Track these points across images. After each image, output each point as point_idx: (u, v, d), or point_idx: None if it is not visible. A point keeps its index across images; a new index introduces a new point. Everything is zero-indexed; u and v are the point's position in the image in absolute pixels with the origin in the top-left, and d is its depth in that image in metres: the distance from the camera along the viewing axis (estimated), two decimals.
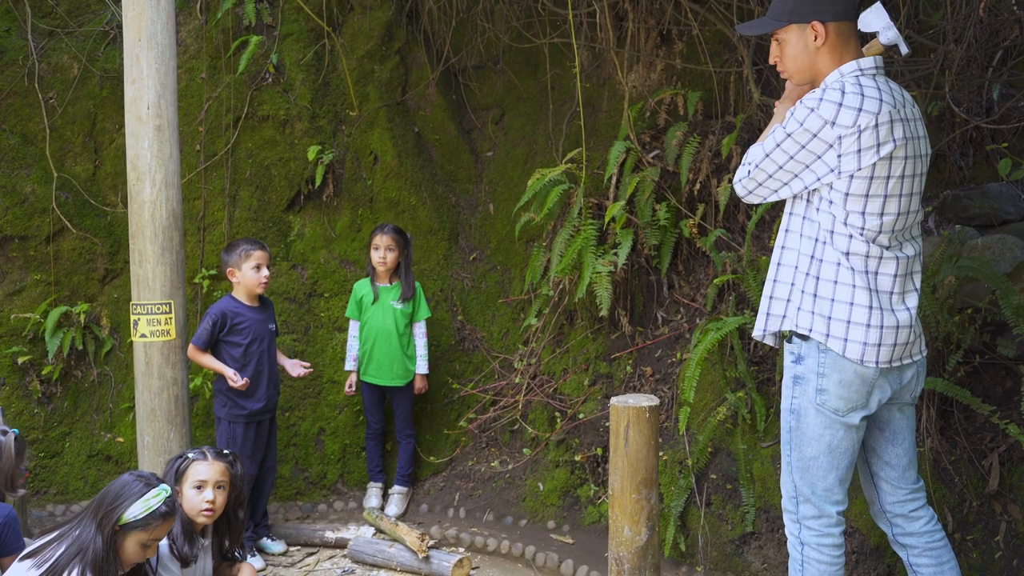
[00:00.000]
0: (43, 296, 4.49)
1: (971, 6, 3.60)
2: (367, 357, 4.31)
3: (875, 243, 2.30)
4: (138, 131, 3.64)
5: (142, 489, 2.37)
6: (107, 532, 2.31)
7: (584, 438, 4.21)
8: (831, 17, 2.32)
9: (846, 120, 2.23)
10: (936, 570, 2.50)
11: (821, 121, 2.25)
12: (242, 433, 3.80)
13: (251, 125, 4.73)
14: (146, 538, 2.39)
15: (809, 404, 2.39)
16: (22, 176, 4.53)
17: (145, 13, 3.59)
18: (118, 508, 2.33)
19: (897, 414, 2.49)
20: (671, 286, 4.31)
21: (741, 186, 2.49)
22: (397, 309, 4.30)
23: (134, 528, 2.35)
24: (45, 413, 4.48)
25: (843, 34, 2.34)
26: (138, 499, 2.36)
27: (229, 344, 3.82)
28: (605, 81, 4.73)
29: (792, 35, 2.38)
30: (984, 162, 4.17)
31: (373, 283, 4.34)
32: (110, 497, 2.35)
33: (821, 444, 2.39)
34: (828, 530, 2.45)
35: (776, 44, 2.44)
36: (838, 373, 2.34)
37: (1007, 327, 3.21)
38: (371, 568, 3.83)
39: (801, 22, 2.34)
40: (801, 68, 2.40)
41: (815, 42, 2.34)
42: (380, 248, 4.28)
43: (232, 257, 3.87)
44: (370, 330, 4.31)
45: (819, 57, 2.36)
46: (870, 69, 2.32)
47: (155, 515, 2.37)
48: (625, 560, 2.78)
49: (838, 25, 2.33)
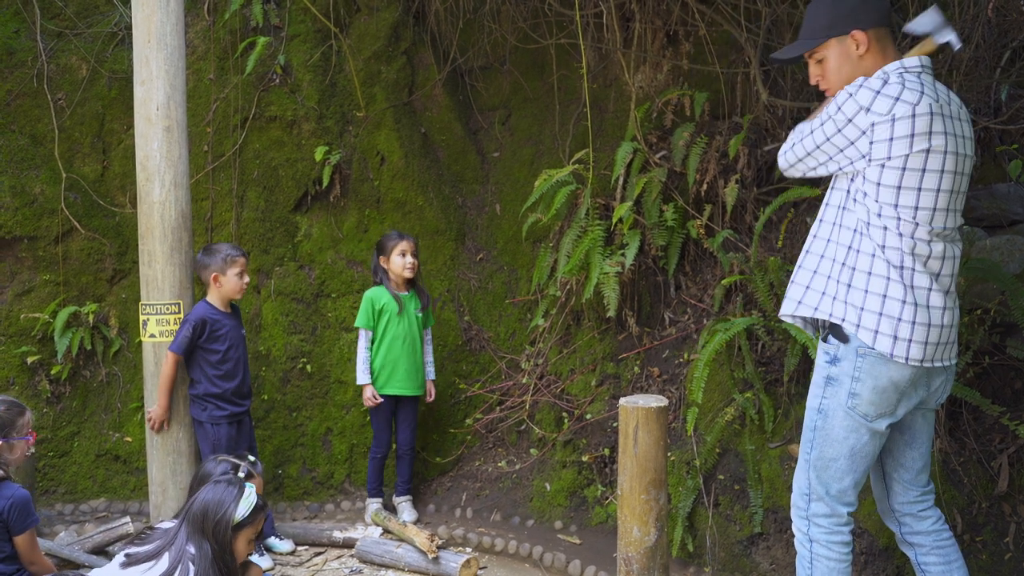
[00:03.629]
0: (52, 296, 4.50)
1: (979, 6, 3.59)
2: (391, 368, 4.17)
3: (912, 237, 2.28)
4: (147, 132, 3.65)
5: (236, 490, 2.45)
6: (227, 539, 2.41)
7: (591, 438, 4.21)
8: (870, 24, 2.33)
9: (881, 107, 2.23)
10: (944, 569, 2.50)
11: (857, 107, 2.26)
12: (225, 433, 3.76)
13: (258, 126, 4.74)
14: (252, 533, 2.51)
15: (839, 406, 2.38)
16: (31, 177, 4.55)
17: (155, 15, 3.61)
18: (227, 513, 2.41)
19: (920, 419, 2.49)
20: (678, 287, 4.30)
21: (784, 159, 2.51)
22: (419, 317, 4.26)
23: (244, 527, 2.45)
24: (54, 413, 4.49)
25: (882, 39, 2.36)
26: (240, 498, 2.44)
27: (207, 351, 3.74)
28: (612, 82, 4.73)
29: (832, 51, 2.39)
30: (992, 163, 4.16)
31: (392, 292, 4.22)
32: (213, 507, 2.42)
33: (844, 447, 2.39)
34: (838, 528, 2.45)
35: (815, 64, 2.45)
36: (873, 379, 2.33)
37: (1016, 328, 3.20)
38: (379, 568, 3.84)
39: (841, 35, 2.36)
40: (848, 79, 2.39)
41: (857, 51, 2.35)
42: (407, 254, 4.16)
43: (215, 261, 3.78)
44: (394, 340, 4.16)
45: (863, 65, 2.36)
46: (915, 67, 2.32)
47: (257, 508, 2.49)
48: (634, 560, 2.78)
49: (877, 31, 2.35)
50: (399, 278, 4.20)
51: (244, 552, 2.50)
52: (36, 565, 2.86)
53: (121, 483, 4.51)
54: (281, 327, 4.63)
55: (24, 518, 2.79)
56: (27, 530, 2.81)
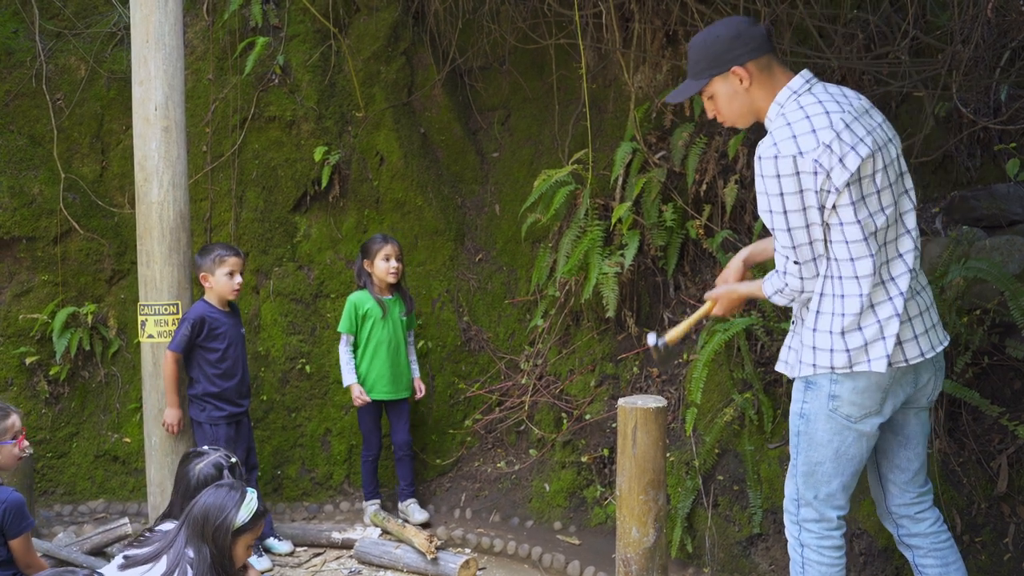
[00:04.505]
0: (50, 297, 4.50)
1: (979, 6, 3.59)
2: (376, 373, 4.15)
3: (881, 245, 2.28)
4: (146, 132, 3.65)
5: (237, 496, 2.46)
6: (226, 544, 2.41)
7: (590, 439, 4.21)
8: (748, 57, 2.35)
9: (809, 144, 2.23)
10: (942, 571, 2.50)
11: (791, 158, 2.23)
12: (224, 433, 3.76)
13: (257, 126, 4.73)
14: (251, 539, 2.50)
15: (820, 409, 2.38)
16: (30, 177, 4.54)
17: (153, 15, 3.61)
18: (228, 518, 2.41)
19: (912, 419, 2.48)
20: (677, 287, 4.30)
21: (789, 291, 2.38)
22: (403, 321, 4.26)
23: (244, 532, 2.45)
24: (52, 413, 4.49)
25: (765, 67, 2.37)
26: (241, 504, 2.44)
27: (206, 350, 3.75)
28: (611, 82, 4.73)
29: (718, 87, 2.41)
30: (992, 163, 4.16)
31: (375, 296, 4.19)
32: (214, 512, 2.42)
33: (828, 450, 2.39)
34: (828, 533, 2.44)
35: (708, 101, 2.48)
36: (852, 380, 2.32)
37: (1016, 328, 3.20)
38: (377, 569, 3.84)
39: (722, 72, 2.38)
40: (741, 112, 2.43)
41: (742, 85, 2.38)
42: (391, 258, 4.15)
43: (205, 262, 3.78)
44: (379, 345, 4.15)
45: (752, 97, 2.39)
46: (803, 87, 2.34)
47: (258, 514, 2.48)
48: (633, 561, 2.77)
49: (757, 62, 2.36)
50: (383, 282, 4.19)
51: (243, 557, 2.50)
52: (33, 568, 2.86)
53: (120, 484, 4.51)
54: (280, 327, 4.62)
55: (19, 522, 2.78)
56: (22, 534, 2.79)
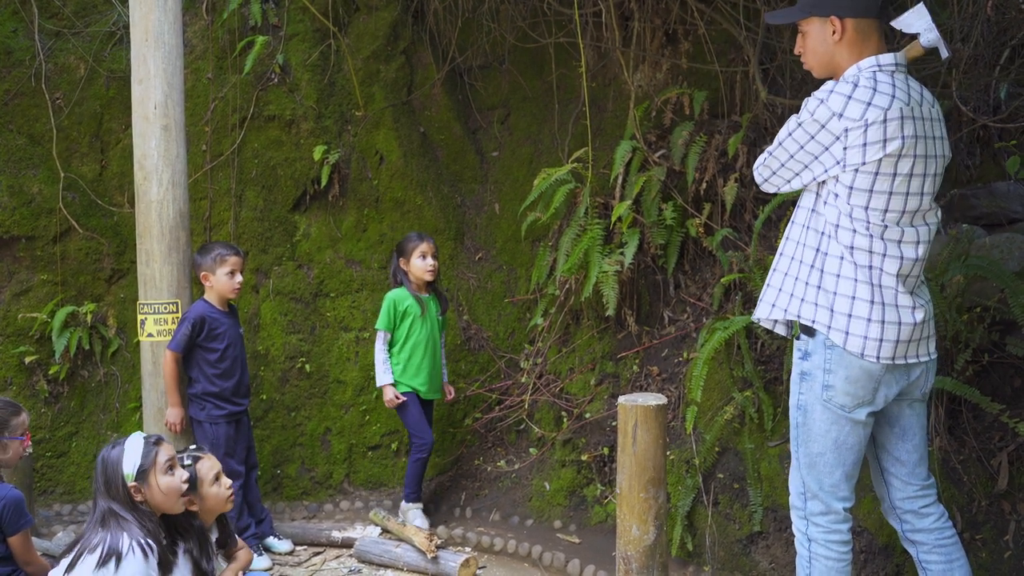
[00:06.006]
0: (50, 296, 4.50)
1: (978, 5, 3.59)
2: (413, 371, 4.10)
3: (881, 239, 2.30)
4: (145, 131, 3.64)
5: (120, 446, 2.44)
6: (123, 493, 2.39)
7: (590, 438, 4.21)
8: (850, 13, 2.32)
9: (854, 113, 2.23)
10: (946, 567, 2.49)
11: (829, 112, 2.26)
12: (223, 432, 3.75)
13: (257, 125, 4.73)
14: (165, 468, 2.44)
15: (816, 400, 2.40)
16: (29, 176, 4.54)
17: (152, 13, 3.60)
18: (118, 470, 2.40)
19: (907, 410, 2.48)
20: (677, 285, 4.30)
21: (758, 173, 2.51)
22: (440, 320, 4.23)
23: (144, 473, 2.42)
24: (52, 413, 4.48)
25: (862, 31, 2.34)
26: (126, 452, 2.42)
27: (206, 349, 3.74)
28: (611, 81, 4.73)
29: (814, 28, 2.39)
30: (991, 161, 4.16)
31: (413, 294, 4.12)
32: (109, 470, 2.41)
33: (827, 440, 2.40)
34: (835, 526, 2.45)
35: (800, 36, 2.46)
36: (844, 369, 2.34)
37: (1016, 326, 3.20)
38: (377, 568, 3.83)
39: (821, 15, 2.36)
40: (821, 62, 2.41)
41: (833, 36, 2.35)
42: (427, 255, 4.10)
43: (206, 261, 3.77)
44: (417, 344, 4.09)
45: (837, 52, 2.36)
46: (889, 66, 2.31)
47: (149, 448, 2.44)
48: (633, 559, 2.77)
49: (857, 22, 2.33)
50: (419, 280, 4.14)
51: (161, 496, 2.43)
52: (32, 565, 2.86)
53: None
54: (280, 327, 4.62)
55: (18, 519, 2.79)
56: (21, 531, 2.80)
